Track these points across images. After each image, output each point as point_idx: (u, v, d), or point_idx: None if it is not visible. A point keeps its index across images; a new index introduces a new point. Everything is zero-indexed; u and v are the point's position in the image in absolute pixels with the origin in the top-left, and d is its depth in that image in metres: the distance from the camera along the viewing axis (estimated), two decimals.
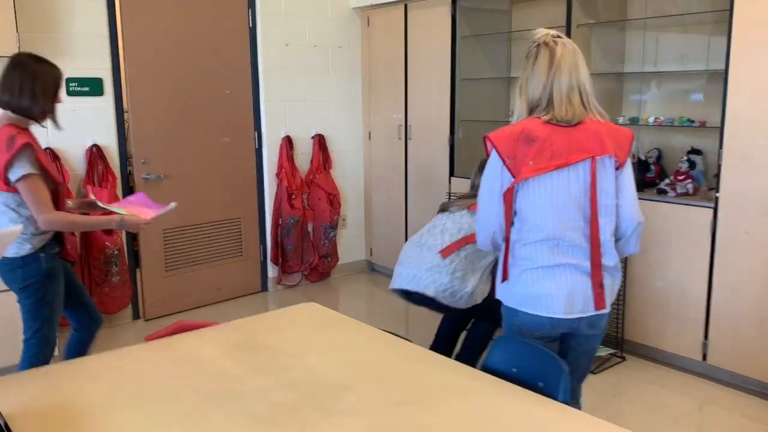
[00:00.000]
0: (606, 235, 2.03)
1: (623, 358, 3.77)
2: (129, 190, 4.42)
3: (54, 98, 2.63)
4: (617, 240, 2.11)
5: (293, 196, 5.03)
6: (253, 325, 2.39)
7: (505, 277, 2.10)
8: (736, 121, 3.24)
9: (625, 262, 3.71)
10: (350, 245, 5.62)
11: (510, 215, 2.04)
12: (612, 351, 3.76)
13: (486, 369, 2.01)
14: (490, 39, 4.83)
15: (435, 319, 3.46)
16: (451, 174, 4.79)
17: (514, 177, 1.97)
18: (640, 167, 3.97)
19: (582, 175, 1.98)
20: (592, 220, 1.99)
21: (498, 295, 2.16)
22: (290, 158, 5.06)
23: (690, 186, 3.72)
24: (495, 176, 2.04)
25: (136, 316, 4.54)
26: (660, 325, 3.66)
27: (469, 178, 4.60)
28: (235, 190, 4.94)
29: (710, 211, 3.39)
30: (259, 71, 4.90)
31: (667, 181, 3.82)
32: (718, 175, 3.35)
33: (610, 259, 2.05)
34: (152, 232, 4.46)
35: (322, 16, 5.11)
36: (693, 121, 3.77)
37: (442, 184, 4.86)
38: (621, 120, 4.05)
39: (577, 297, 2.03)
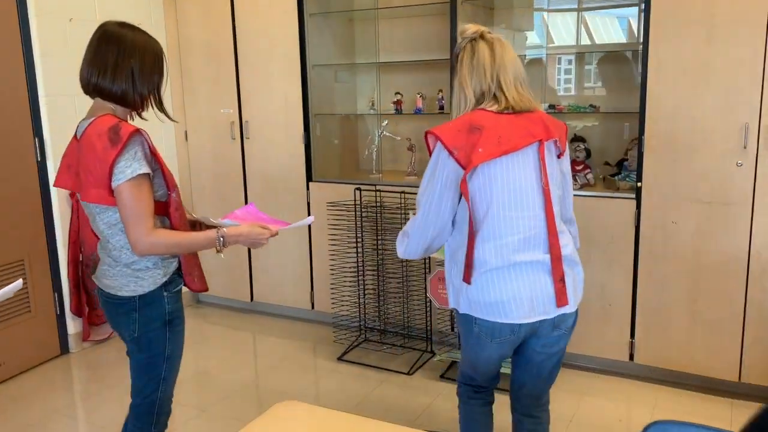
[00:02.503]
0: (560, 224, 1.98)
1: None
2: None
3: (157, 79, 1.97)
4: None
5: None
6: None
7: (468, 280, 1.93)
8: (658, 106, 3.05)
9: None
10: None
11: (469, 209, 1.88)
12: None
13: None
14: (340, 18, 4.14)
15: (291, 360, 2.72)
16: (309, 179, 3.99)
17: (464, 168, 1.84)
18: None
19: (532, 160, 1.90)
20: (547, 207, 1.90)
21: (452, 303, 2.02)
22: None
23: (590, 176, 3.50)
24: (444, 170, 1.88)
25: None
26: (581, 328, 3.35)
27: (332, 182, 3.92)
28: (12, 221, 3.51)
29: (632, 203, 3.18)
30: (34, 55, 3.54)
31: None
32: (639, 164, 3.14)
33: (566, 247, 1.96)
34: None
35: None
36: (595, 107, 3.55)
37: (297, 191, 4.03)
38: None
39: (537, 299, 1.91)
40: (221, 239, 1.91)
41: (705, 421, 2.88)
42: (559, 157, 1.97)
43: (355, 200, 3.69)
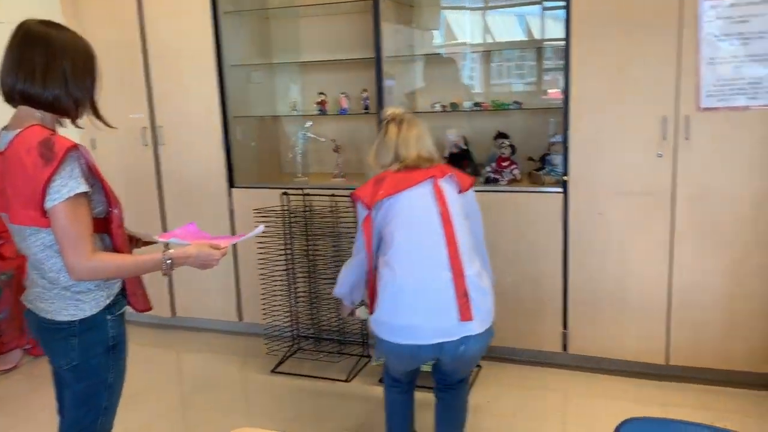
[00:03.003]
0: (463, 246, 2.17)
1: (479, 366, 3.43)
2: None
3: (91, 82, 1.80)
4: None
5: (0, 242, 3.44)
6: None
7: (372, 308, 2.23)
8: (581, 101, 3.11)
9: None
10: None
11: (370, 246, 2.25)
12: None
13: None
14: (256, 16, 3.99)
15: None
16: (231, 185, 3.82)
17: (368, 209, 2.24)
18: (462, 157, 3.65)
19: (429, 192, 2.22)
20: (447, 232, 2.15)
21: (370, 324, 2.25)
22: None
23: (516, 171, 3.54)
24: (360, 216, 2.30)
25: None
26: (515, 323, 3.41)
27: (255, 187, 3.76)
28: None
29: (560, 196, 3.24)
30: None
31: (488, 168, 3.58)
32: (565, 158, 3.20)
33: (470, 268, 2.16)
34: None
35: None
36: (519, 103, 3.59)
37: (218, 198, 3.85)
38: (438, 107, 3.67)
39: (439, 320, 2.10)
40: (168, 262, 1.77)
41: (636, 405, 3.00)
42: (460, 192, 2.29)
43: (282, 205, 3.57)
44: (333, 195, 3.48)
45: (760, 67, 2.81)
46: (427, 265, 2.13)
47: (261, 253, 3.60)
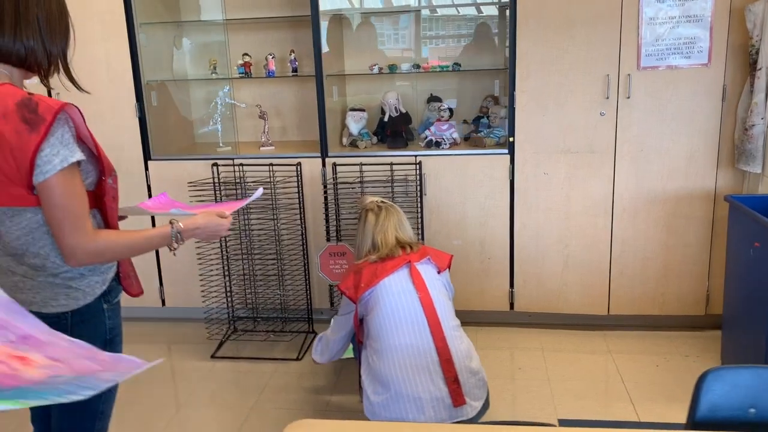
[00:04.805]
0: (448, 328, 2.22)
1: None
2: None
3: (66, 37, 1.50)
4: None
5: None
6: None
7: (363, 396, 2.25)
8: (526, 62, 3.12)
9: (421, 229, 3.31)
10: None
11: (360, 336, 2.35)
12: None
13: (701, 422, 1.37)
14: None
15: None
16: (147, 157, 3.44)
17: (354, 303, 2.30)
18: (402, 120, 3.55)
19: (406, 275, 2.29)
20: (428, 314, 2.20)
21: (365, 410, 2.26)
22: None
23: (456, 135, 3.50)
24: (345, 307, 2.39)
25: None
26: (463, 285, 3.41)
27: (175, 159, 3.43)
28: None
29: (506, 158, 3.25)
30: None
31: (428, 132, 3.51)
32: (512, 120, 3.21)
33: (457, 350, 2.19)
34: None
35: None
36: (459, 65, 3.53)
37: (133, 173, 3.45)
38: (376, 69, 3.52)
39: (432, 408, 2.12)
40: (178, 235, 1.53)
41: (583, 355, 3.14)
42: (439, 272, 2.38)
43: (213, 178, 3.27)
44: (272, 164, 3.25)
45: (694, 27, 2.97)
46: (414, 354, 2.16)
47: None
